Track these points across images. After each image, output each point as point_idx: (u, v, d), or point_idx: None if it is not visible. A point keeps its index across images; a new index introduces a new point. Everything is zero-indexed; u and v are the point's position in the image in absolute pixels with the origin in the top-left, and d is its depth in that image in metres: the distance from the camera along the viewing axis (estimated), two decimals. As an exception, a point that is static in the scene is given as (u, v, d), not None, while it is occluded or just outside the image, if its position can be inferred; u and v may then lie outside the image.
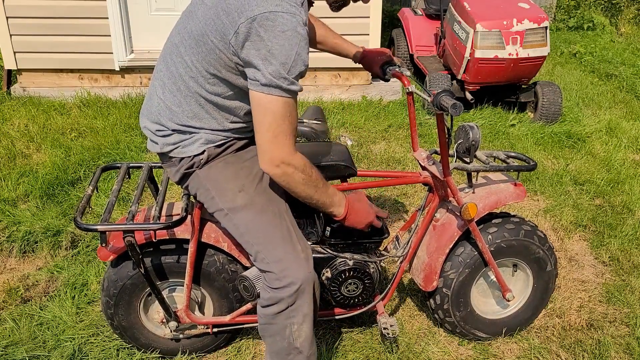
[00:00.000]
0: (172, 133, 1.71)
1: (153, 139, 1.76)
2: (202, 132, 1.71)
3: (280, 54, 1.47)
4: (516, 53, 4.35)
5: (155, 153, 1.81)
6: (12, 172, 3.54)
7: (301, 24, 1.49)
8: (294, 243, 1.74)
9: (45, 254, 2.86)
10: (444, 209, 2.17)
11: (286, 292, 1.70)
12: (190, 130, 1.70)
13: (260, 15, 1.46)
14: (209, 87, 1.64)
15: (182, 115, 1.69)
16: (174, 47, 1.68)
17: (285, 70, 1.49)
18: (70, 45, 4.84)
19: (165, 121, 1.71)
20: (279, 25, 1.46)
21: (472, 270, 2.15)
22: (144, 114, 1.79)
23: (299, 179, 1.61)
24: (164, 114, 1.71)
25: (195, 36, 1.59)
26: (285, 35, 1.46)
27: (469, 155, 1.97)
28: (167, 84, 1.69)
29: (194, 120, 1.69)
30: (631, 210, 3.38)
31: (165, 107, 1.70)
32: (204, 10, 1.58)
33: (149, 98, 1.76)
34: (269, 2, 1.47)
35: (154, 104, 1.73)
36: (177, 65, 1.65)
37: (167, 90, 1.69)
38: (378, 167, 3.83)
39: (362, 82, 5.19)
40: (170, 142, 1.72)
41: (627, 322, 2.49)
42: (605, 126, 4.60)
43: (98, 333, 2.32)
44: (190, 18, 1.63)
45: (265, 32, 1.46)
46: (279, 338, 1.77)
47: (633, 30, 8.16)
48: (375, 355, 2.26)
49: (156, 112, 1.72)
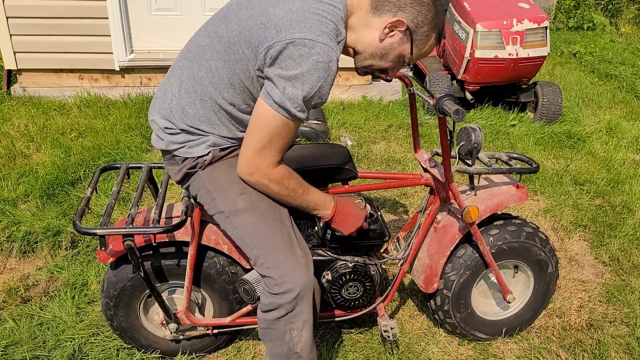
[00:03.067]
0: (180, 132, 1.69)
1: (159, 135, 1.73)
2: (211, 136, 1.69)
3: (306, 81, 1.47)
4: (516, 53, 4.35)
5: (158, 149, 1.79)
6: (12, 172, 3.53)
7: (335, 60, 1.49)
8: (295, 248, 1.73)
9: (45, 254, 2.86)
10: (445, 211, 2.17)
11: (285, 299, 1.69)
12: (199, 133, 1.69)
13: (300, 40, 1.45)
14: (227, 96, 1.62)
15: (194, 118, 1.66)
16: (200, 49, 1.64)
17: (303, 98, 1.49)
18: (70, 45, 4.83)
19: (175, 120, 1.68)
20: (315, 54, 1.45)
21: (473, 272, 2.15)
22: (155, 107, 1.75)
23: (274, 190, 1.65)
24: (176, 112, 1.68)
25: (225, 43, 1.57)
26: (317, 66, 1.46)
27: (471, 158, 1.97)
28: (184, 84, 1.66)
29: (205, 125, 1.67)
30: (631, 210, 3.38)
31: (179, 106, 1.67)
32: (239, 20, 1.56)
33: (163, 93, 1.72)
34: (312, 30, 1.46)
35: (167, 100, 1.70)
36: (200, 67, 1.63)
37: (183, 90, 1.66)
38: (378, 167, 3.83)
39: (362, 82, 5.19)
40: (177, 141, 1.70)
41: (627, 322, 2.49)
42: (605, 126, 4.60)
43: (98, 333, 2.32)
44: (224, 23, 1.60)
45: (299, 57, 1.45)
46: (279, 343, 1.77)
47: (633, 30, 8.16)
48: (375, 355, 2.26)
49: (168, 109, 1.69)
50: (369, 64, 1.68)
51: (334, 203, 1.78)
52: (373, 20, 1.59)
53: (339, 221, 1.80)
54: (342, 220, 1.81)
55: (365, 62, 1.68)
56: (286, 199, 1.69)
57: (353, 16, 1.60)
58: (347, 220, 1.82)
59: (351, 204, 1.85)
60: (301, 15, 1.47)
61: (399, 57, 1.66)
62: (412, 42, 1.61)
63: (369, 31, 1.61)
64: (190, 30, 4.87)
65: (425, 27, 1.59)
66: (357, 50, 1.66)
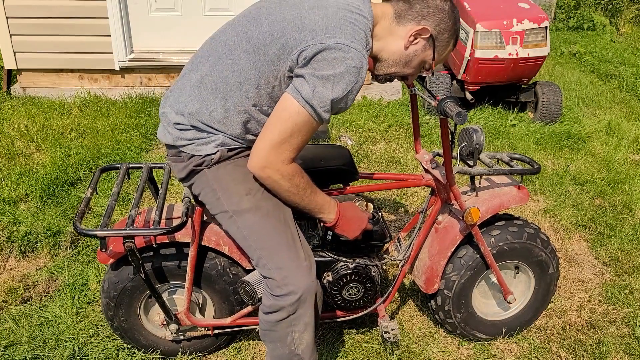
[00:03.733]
0: (191, 129, 1.68)
1: (168, 129, 1.71)
2: (221, 135, 1.68)
3: (337, 83, 1.50)
4: (516, 53, 4.35)
5: (163, 143, 1.77)
6: (12, 172, 3.53)
7: (365, 68, 1.53)
8: (297, 250, 1.73)
9: (45, 254, 2.86)
10: (447, 212, 2.17)
11: (287, 301, 1.69)
12: (210, 131, 1.67)
13: (337, 45, 1.48)
14: (251, 96, 1.62)
15: (210, 115, 1.65)
16: (226, 47, 1.63)
17: (332, 100, 1.51)
18: (70, 45, 4.83)
19: (189, 115, 1.66)
20: (349, 59, 1.48)
21: (474, 273, 2.15)
22: (168, 100, 1.73)
23: (284, 186, 1.63)
24: (192, 108, 1.66)
25: (255, 44, 1.57)
26: (350, 71, 1.49)
27: (473, 159, 1.97)
28: (206, 80, 1.64)
29: (219, 124, 1.66)
30: (631, 210, 3.38)
31: (197, 102, 1.65)
32: (271, 22, 1.56)
33: (181, 87, 1.70)
34: (346, 37, 1.49)
35: (184, 95, 1.68)
36: (226, 66, 1.62)
37: (203, 87, 1.65)
38: (378, 168, 3.83)
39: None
40: (186, 138, 1.69)
41: (627, 322, 2.49)
42: (605, 126, 4.60)
43: (98, 333, 2.32)
44: (254, 24, 1.60)
45: (333, 60, 1.48)
46: (280, 345, 1.77)
47: (633, 30, 8.16)
48: (375, 355, 2.26)
49: (184, 103, 1.67)
50: (393, 71, 1.72)
51: (337, 207, 1.78)
52: (398, 29, 1.65)
53: (342, 226, 1.80)
54: (345, 225, 1.80)
55: (390, 70, 1.72)
56: (294, 197, 1.67)
57: (378, 25, 1.65)
58: (350, 225, 1.81)
59: (352, 208, 1.84)
60: (336, 22, 1.51)
61: (421, 63, 1.71)
62: (435, 48, 1.67)
63: (393, 39, 1.66)
64: (190, 30, 4.93)
65: (446, 34, 1.66)
66: (381, 58, 1.70)
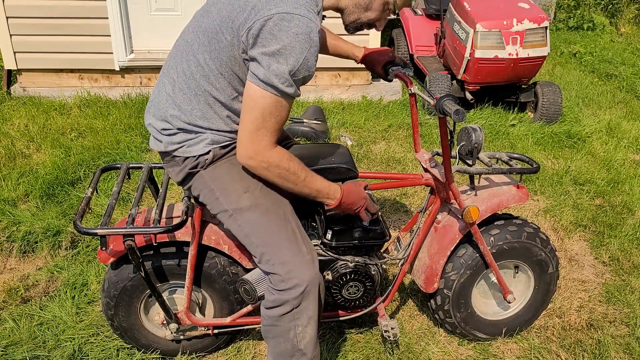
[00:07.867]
0: (178, 132, 1.70)
1: (157, 137, 1.74)
2: (209, 132, 1.70)
3: (288, 55, 1.47)
4: (516, 53, 4.35)
5: (157, 152, 1.79)
6: (12, 172, 3.53)
7: (315, 31, 1.50)
8: (300, 245, 1.73)
9: (45, 254, 2.86)
10: (446, 211, 2.17)
11: (292, 294, 1.69)
12: (197, 130, 1.69)
13: (278, 15, 1.46)
14: (219, 86, 1.63)
15: (191, 114, 1.67)
16: (186, 45, 1.66)
17: (289, 72, 1.49)
18: (70, 45, 4.84)
19: (172, 119, 1.69)
20: (294, 27, 1.46)
21: (474, 272, 2.15)
22: (150, 110, 1.76)
23: (275, 172, 1.62)
24: (172, 112, 1.69)
25: (209, 34, 1.59)
26: (298, 38, 1.47)
27: (472, 158, 1.97)
28: (177, 82, 1.67)
29: (201, 120, 1.68)
30: (631, 210, 3.38)
31: (174, 104, 1.68)
32: (218, 8, 1.58)
33: (157, 94, 1.74)
34: (287, 4, 1.47)
35: (162, 101, 1.71)
36: (190, 63, 1.64)
37: (177, 88, 1.67)
38: (378, 167, 3.83)
39: (362, 82, 5.19)
40: (176, 141, 1.71)
41: (627, 322, 2.49)
42: (605, 126, 4.60)
43: (98, 333, 2.32)
44: (205, 16, 1.63)
45: (279, 31, 1.46)
46: (283, 340, 1.77)
47: (633, 30, 8.16)
48: (375, 355, 2.26)
49: (164, 109, 1.70)
50: (355, 17, 1.69)
51: (340, 194, 1.76)
52: None
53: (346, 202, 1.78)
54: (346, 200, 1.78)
55: (351, 17, 1.69)
56: (288, 183, 1.66)
57: None
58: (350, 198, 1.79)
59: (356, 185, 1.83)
60: None
61: (383, 4, 1.67)
62: None
63: None
64: (190, 30, 4.93)
65: None
66: (341, 7, 1.68)
